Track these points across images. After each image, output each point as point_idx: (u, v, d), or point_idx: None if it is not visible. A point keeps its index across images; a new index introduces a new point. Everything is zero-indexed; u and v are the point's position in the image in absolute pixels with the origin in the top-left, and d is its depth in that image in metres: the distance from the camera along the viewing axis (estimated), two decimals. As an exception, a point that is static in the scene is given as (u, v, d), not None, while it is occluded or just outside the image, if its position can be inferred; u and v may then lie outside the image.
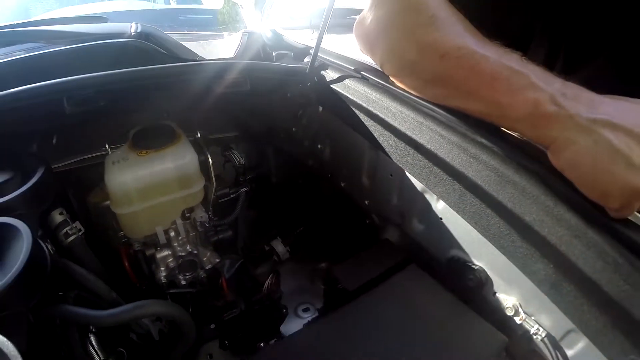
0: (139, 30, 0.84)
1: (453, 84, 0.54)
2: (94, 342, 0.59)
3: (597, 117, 0.44)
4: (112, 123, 0.80)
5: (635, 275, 0.40)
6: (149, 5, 1.50)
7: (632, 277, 0.40)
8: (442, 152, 0.56)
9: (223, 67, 0.74)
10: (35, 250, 0.45)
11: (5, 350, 0.35)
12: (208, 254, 0.80)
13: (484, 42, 0.51)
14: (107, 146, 0.76)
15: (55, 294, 0.55)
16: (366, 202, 0.81)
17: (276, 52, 0.97)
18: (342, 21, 1.15)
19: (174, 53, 0.84)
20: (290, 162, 1.04)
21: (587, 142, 0.44)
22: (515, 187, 0.49)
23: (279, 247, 0.94)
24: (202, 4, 1.61)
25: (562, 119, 0.45)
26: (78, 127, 0.76)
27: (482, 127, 0.54)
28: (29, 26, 0.94)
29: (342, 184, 0.87)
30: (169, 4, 1.64)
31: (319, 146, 0.89)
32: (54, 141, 0.74)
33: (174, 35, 0.92)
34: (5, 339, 0.35)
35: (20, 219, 0.48)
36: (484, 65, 0.49)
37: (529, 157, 0.50)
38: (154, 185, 0.70)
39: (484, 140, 0.53)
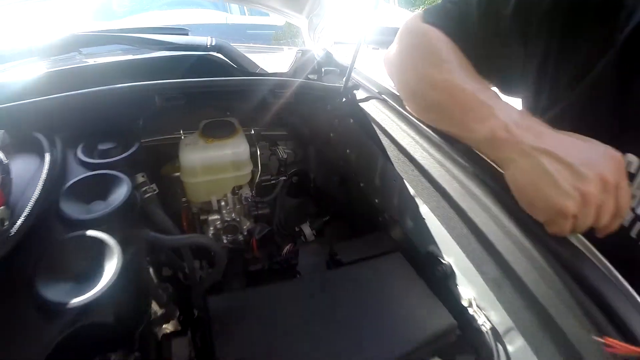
0: (213, 44, 1.06)
1: (439, 111, 0.67)
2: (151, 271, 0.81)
3: (539, 146, 0.53)
4: (188, 114, 1.03)
5: (558, 282, 0.49)
6: (223, 17, 1.76)
7: (555, 284, 0.49)
8: (428, 165, 0.71)
9: (276, 82, 0.96)
10: (131, 193, 0.67)
11: (107, 241, 0.56)
12: (247, 223, 1.03)
13: (470, 78, 0.63)
14: (181, 131, 1.02)
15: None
16: (376, 200, 1.00)
17: (325, 68, 1.18)
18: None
19: (240, 65, 1.07)
20: (327, 162, 1.22)
21: (526, 164, 0.53)
22: (474, 198, 0.61)
23: (307, 229, 1.14)
24: (268, 15, 1.84)
25: (510, 143, 0.55)
26: (162, 115, 0.97)
27: (460, 148, 0.67)
28: (125, 32, 1.16)
29: (361, 184, 1.05)
30: (244, 14, 1.91)
31: (347, 151, 1.08)
32: (141, 123, 0.94)
33: (240, 47, 1.15)
34: (107, 235, 0.57)
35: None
36: (462, 97, 0.61)
37: (491, 175, 0.61)
38: (214, 165, 0.94)
39: (458, 158, 0.67)
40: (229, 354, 0.60)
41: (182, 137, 0.99)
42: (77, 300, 0.49)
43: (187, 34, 1.17)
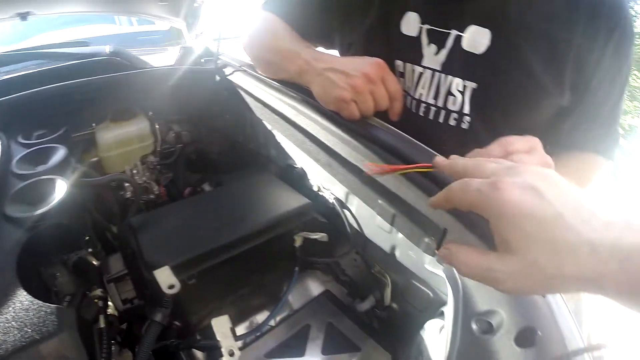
0: (111, 50, 1.40)
1: (273, 65, 1.00)
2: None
3: (326, 66, 0.80)
4: (99, 110, 1.31)
5: (362, 148, 0.76)
6: (116, 28, 2.07)
7: (361, 149, 0.77)
8: (276, 104, 1.02)
9: (162, 72, 1.31)
10: (67, 153, 0.96)
11: (57, 179, 0.89)
12: (156, 187, 1.36)
13: (289, 40, 0.93)
14: (93, 125, 1.33)
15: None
16: (251, 146, 1.34)
17: (204, 59, 1.52)
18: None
19: (135, 64, 1.40)
20: (218, 134, 1.44)
21: (320, 79, 0.81)
22: (306, 116, 0.90)
23: (207, 187, 1.45)
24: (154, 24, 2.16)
25: (311, 71, 0.83)
26: (82, 113, 1.20)
27: (292, 86, 0.96)
28: (35, 49, 1.46)
29: (240, 138, 1.37)
30: (132, 24, 2.24)
31: (227, 116, 1.36)
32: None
33: (134, 51, 1.48)
34: (57, 176, 0.89)
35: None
36: (283, 52, 0.93)
37: (313, 98, 0.87)
38: (123, 139, 1.26)
39: (292, 94, 0.96)
40: (156, 254, 0.79)
41: (94, 126, 1.30)
42: (37, 212, 0.73)
43: (88, 45, 1.48)
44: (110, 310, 0.82)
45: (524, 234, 0.37)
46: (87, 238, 0.93)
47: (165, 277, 0.76)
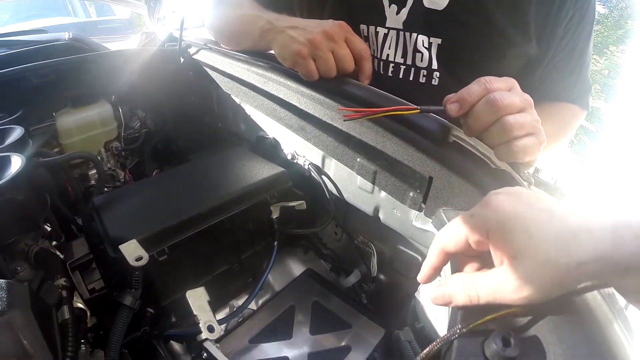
0: (72, 36, 1.33)
1: (237, 35, 0.99)
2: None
3: (288, 25, 0.80)
4: (59, 97, 1.24)
5: (334, 104, 0.75)
6: (74, 19, 1.99)
7: (333, 106, 0.75)
8: (242, 74, 0.99)
9: (122, 55, 1.25)
10: (24, 132, 0.92)
11: (13, 156, 0.83)
12: (122, 174, 1.30)
13: (252, 9, 0.93)
14: (54, 114, 1.25)
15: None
16: (219, 124, 1.29)
17: (167, 44, 1.48)
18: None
19: (96, 49, 1.34)
20: (185, 120, 1.42)
21: (281, 37, 0.80)
22: (274, 82, 0.88)
23: None
24: (115, 15, 2.11)
25: (272, 30, 0.83)
26: (42, 99, 1.16)
27: (257, 54, 0.93)
28: None
29: (207, 119, 1.32)
30: (90, 17, 2.16)
31: (193, 98, 1.32)
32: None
33: (97, 39, 1.42)
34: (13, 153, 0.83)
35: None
36: (245, 19, 0.92)
37: (278, 62, 0.84)
38: (85, 124, 1.19)
39: (259, 62, 0.93)
40: (121, 229, 0.73)
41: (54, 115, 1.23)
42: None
43: (47, 33, 1.41)
44: (81, 306, 0.78)
45: (527, 234, 0.38)
46: (49, 229, 0.87)
47: (132, 250, 0.70)
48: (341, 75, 0.79)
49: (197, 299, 0.69)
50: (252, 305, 1.02)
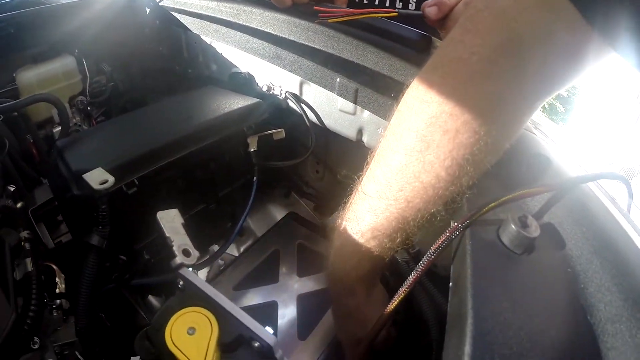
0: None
1: None
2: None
3: None
4: (18, 55, 1.16)
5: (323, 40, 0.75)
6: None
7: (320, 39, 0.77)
8: (210, 11, 1.00)
9: (83, 5, 1.17)
10: None
11: None
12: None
13: None
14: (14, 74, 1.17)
15: None
16: (189, 70, 1.23)
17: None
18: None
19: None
20: (153, 75, 1.36)
21: None
22: (242, 12, 0.90)
23: None
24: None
25: None
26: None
27: None
28: None
29: (177, 67, 1.26)
30: None
31: (160, 48, 1.28)
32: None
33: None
34: None
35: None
36: None
37: None
38: (47, 78, 1.12)
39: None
40: (83, 164, 0.68)
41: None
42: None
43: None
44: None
45: None
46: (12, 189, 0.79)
47: (96, 176, 0.65)
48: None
49: (170, 220, 0.63)
50: (234, 252, 0.98)
